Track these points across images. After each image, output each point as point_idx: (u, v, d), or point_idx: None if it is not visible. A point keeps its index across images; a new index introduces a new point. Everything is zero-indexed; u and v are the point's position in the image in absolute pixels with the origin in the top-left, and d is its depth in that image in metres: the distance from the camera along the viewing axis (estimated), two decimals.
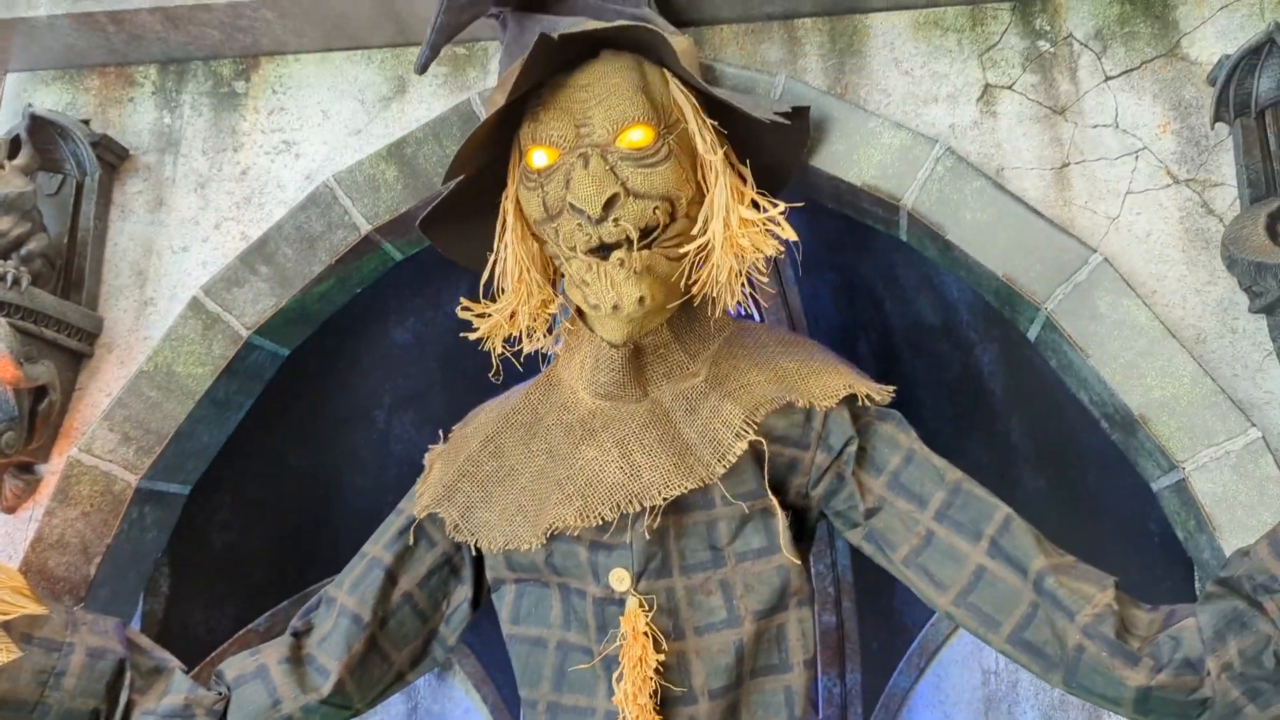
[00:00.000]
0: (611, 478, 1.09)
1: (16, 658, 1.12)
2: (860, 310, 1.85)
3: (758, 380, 1.14)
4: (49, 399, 1.38)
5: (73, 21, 1.46)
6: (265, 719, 1.18)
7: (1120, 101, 1.34)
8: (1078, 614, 1.03)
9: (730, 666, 1.10)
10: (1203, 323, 1.25)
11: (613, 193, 1.07)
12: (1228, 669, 0.97)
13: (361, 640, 1.19)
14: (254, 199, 1.47)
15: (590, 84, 1.12)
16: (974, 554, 1.09)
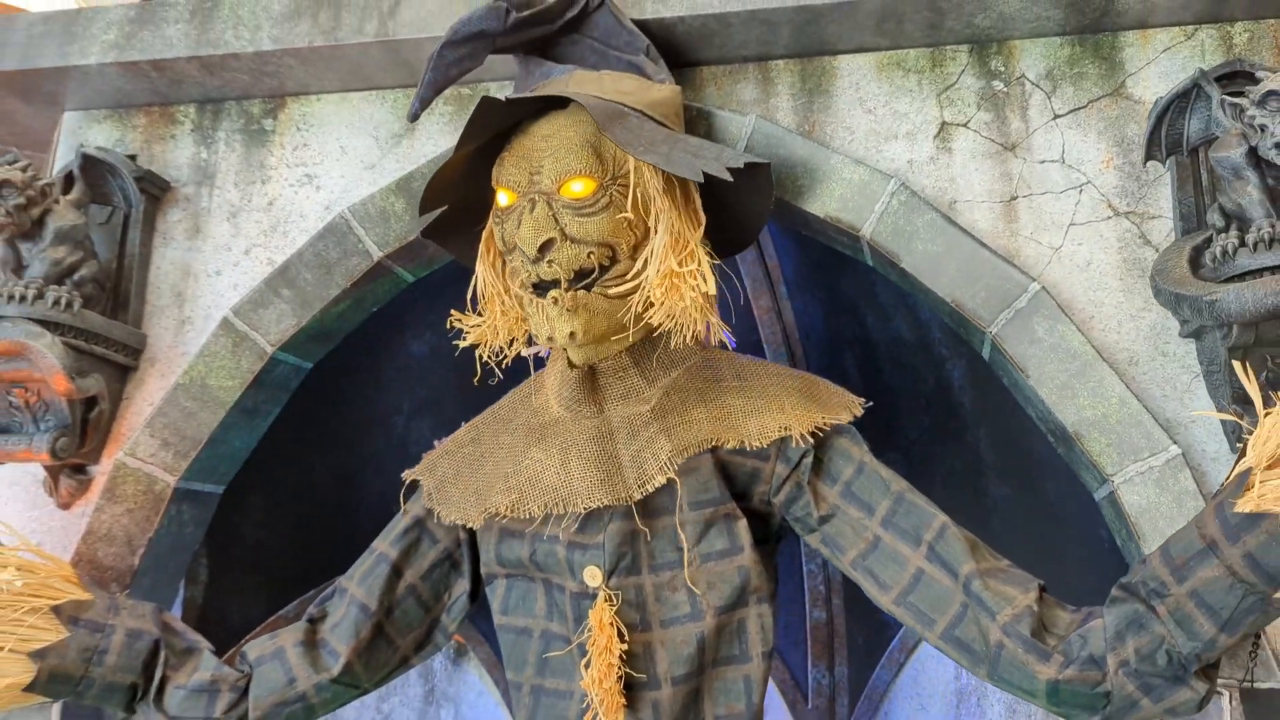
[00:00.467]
0: (548, 480, 1.22)
1: (65, 637, 1.27)
2: (845, 326, 1.96)
3: (699, 418, 1.25)
4: (99, 408, 1.55)
5: (120, 69, 1.63)
6: (282, 695, 1.33)
7: (1067, 138, 1.43)
8: (999, 614, 1.14)
9: (692, 656, 1.22)
10: (1136, 346, 1.35)
11: (548, 237, 1.19)
12: (1124, 665, 1.08)
13: (369, 627, 1.34)
14: (279, 227, 1.62)
15: (550, 135, 1.24)
16: (914, 558, 1.21)
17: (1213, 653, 1.05)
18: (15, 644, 1.23)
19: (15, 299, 1.45)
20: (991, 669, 1.16)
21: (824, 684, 2.08)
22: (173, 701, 1.31)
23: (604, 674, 1.20)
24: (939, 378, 1.72)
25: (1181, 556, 1.06)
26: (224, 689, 1.32)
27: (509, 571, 1.31)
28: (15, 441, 1.49)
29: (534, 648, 1.28)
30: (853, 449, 1.27)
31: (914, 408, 1.83)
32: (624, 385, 1.28)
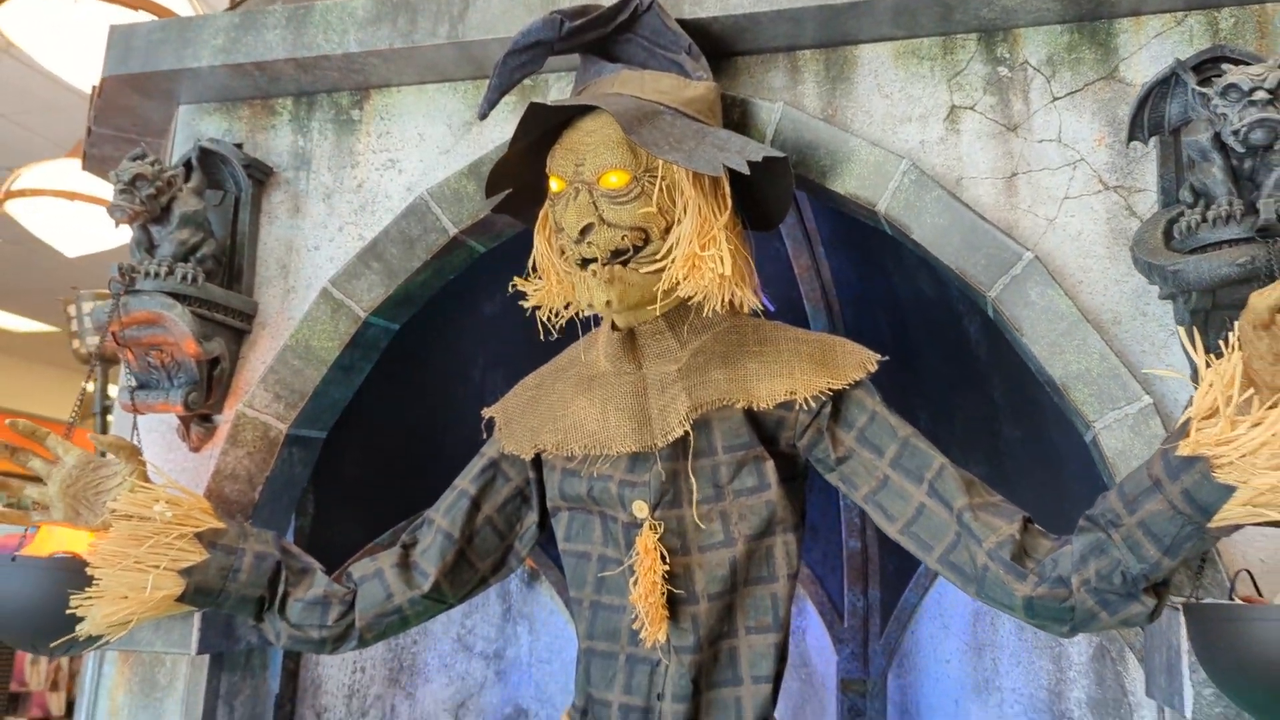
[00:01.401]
0: (589, 426, 1.44)
1: (206, 558, 1.51)
2: (875, 284, 2.13)
3: (718, 379, 1.44)
4: (221, 367, 1.81)
5: (226, 69, 1.86)
6: (381, 608, 1.56)
7: (1064, 119, 1.59)
8: (984, 541, 1.34)
9: (725, 577, 1.44)
10: (1119, 307, 1.52)
11: (588, 222, 1.39)
12: (1086, 584, 1.28)
13: (453, 553, 1.57)
14: (368, 207, 1.86)
15: (593, 131, 1.42)
16: (917, 494, 1.41)
17: (1158, 573, 1.23)
18: (168, 563, 1.48)
19: (150, 275, 1.71)
20: (979, 588, 1.36)
21: (859, 606, 2.29)
22: (293, 612, 1.54)
23: (649, 590, 1.42)
24: (957, 332, 1.88)
25: (1132, 492, 1.24)
26: (334, 602, 1.56)
27: (570, 505, 1.53)
28: (155, 396, 1.77)
29: (592, 569, 1.51)
30: (867, 400, 1.46)
31: (936, 360, 2.00)
32: (660, 346, 1.48)
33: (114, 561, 1.47)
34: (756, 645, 1.45)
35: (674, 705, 1.41)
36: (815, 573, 2.35)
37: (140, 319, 1.70)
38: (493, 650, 2.29)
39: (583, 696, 1.51)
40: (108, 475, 1.53)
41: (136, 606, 1.47)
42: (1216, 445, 1.15)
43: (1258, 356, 1.15)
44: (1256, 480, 1.12)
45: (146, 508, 1.49)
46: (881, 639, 2.28)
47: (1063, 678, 1.79)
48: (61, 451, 1.53)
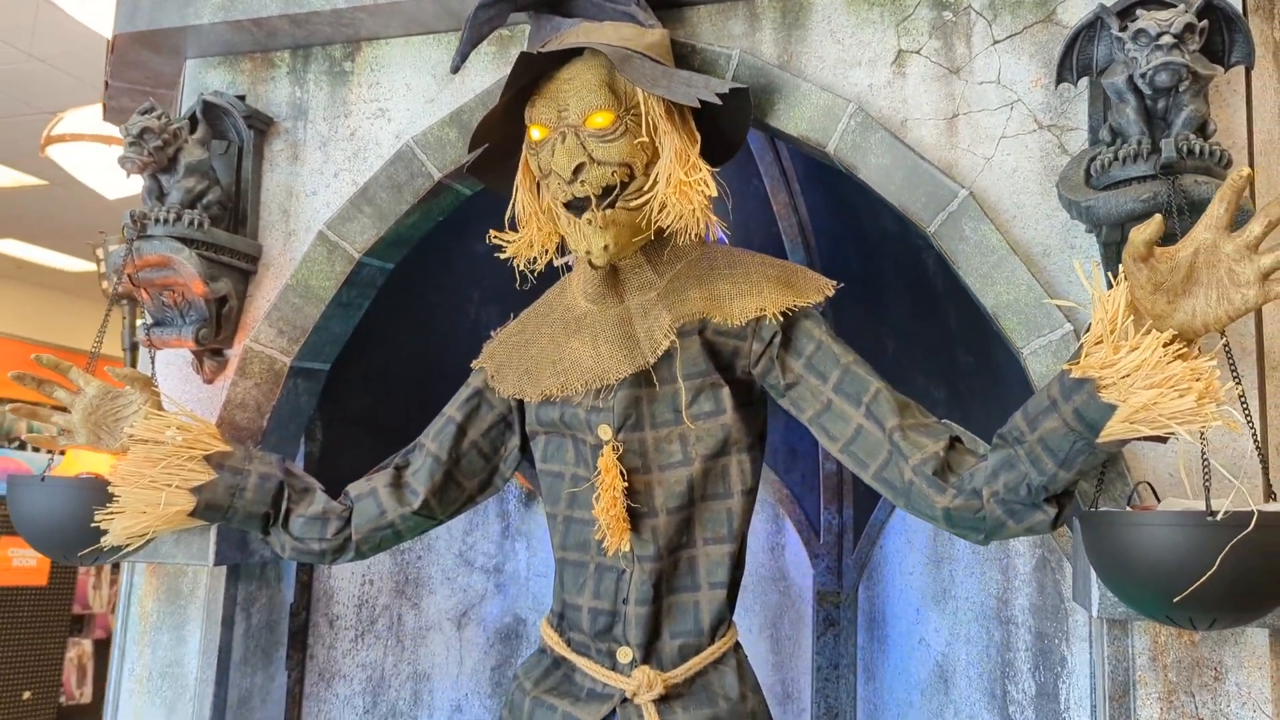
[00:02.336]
0: (585, 363, 1.58)
1: (214, 478, 1.66)
2: (845, 220, 2.22)
3: (694, 297, 1.59)
4: (229, 305, 1.96)
5: (227, 25, 1.99)
6: (375, 523, 1.72)
7: (1003, 61, 1.67)
8: (910, 458, 1.48)
9: (683, 493, 1.59)
10: (1049, 240, 1.62)
11: (580, 161, 1.51)
12: (995, 495, 1.40)
13: (441, 474, 1.72)
14: (360, 154, 1.99)
15: (572, 78, 1.55)
16: (855, 416, 1.54)
17: (1056, 485, 1.36)
18: (179, 482, 1.65)
19: (160, 221, 1.86)
20: (906, 500, 1.50)
21: (833, 524, 2.43)
22: (295, 526, 1.71)
23: (610, 504, 1.57)
24: (916, 265, 1.98)
25: (1034, 411, 1.36)
26: (332, 517, 1.73)
27: (546, 430, 1.68)
28: (169, 332, 1.93)
29: (565, 487, 1.66)
30: (814, 330, 1.59)
31: (899, 291, 2.10)
32: (640, 279, 1.62)
33: (132, 480, 1.65)
34: (713, 555, 1.61)
35: (637, 608, 1.57)
36: (794, 493, 2.49)
37: (152, 262, 1.86)
38: (492, 565, 2.47)
39: (559, 602, 1.67)
40: (125, 404, 1.70)
41: (152, 520, 1.66)
42: (1101, 368, 1.27)
43: (1139, 286, 1.26)
44: (1133, 399, 1.24)
45: (160, 433, 1.66)
46: (854, 554, 2.42)
47: (1009, 586, 1.92)
48: (83, 383, 1.71)
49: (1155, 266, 1.25)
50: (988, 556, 1.99)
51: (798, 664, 2.48)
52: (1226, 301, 1.24)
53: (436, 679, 2.43)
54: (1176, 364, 1.23)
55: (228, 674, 1.95)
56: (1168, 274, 1.25)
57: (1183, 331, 1.26)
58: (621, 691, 1.56)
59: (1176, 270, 1.25)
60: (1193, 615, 1.29)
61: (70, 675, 6.50)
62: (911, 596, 2.21)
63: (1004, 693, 1.92)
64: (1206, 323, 1.25)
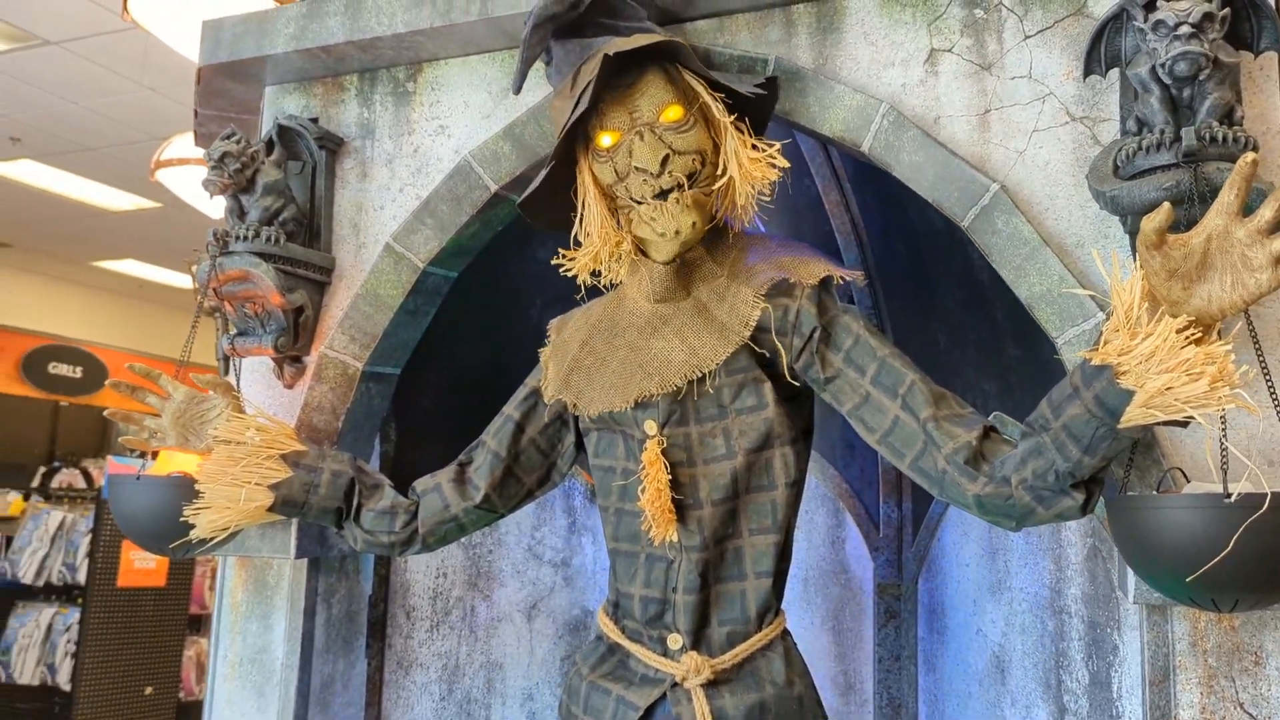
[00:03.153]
0: (678, 357, 1.63)
1: (290, 475, 1.78)
2: (895, 217, 2.24)
3: (762, 269, 1.67)
4: (305, 314, 2.10)
5: (299, 54, 2.12)
6: (440, 517, 1.82)
7: (1035, 56, 1.70)
8: (944, 447, 1.52)
9: (727, 485, 1.65)
10: (1083, 231, 1.63)
11: (665, 153, 1.59)
12: (1023, 483, 1.43)
13: (501, 469, 1.81)
14: (423, 170, 2.10)
15: (634, 83, 1.62)
16: (892, 408, 1.58)
17: (1082, 470, 1.38)
18: (258, 479, 1.78)
19: (241, 238, 2.00)
20: (940, 489, 1.54)
21: (893, 517, 2.45)
22: (366, 520, 1.82)
23: (654, 496, 1.63)
24: (964, 259, 2.00)
25: (1058, 399, 1.39)
26: (400, 511, 1.83)
27: (598, 426, 1.76)
28: (251, 341, 2.07)
29: (616, 480, 1.74)
30: (853, 324, 1.65)
31: (949, 285, 2.12)
32: (703, 270, 1.69)
33: (216, 478, 1.79)
34: (758, 545, 1.66)
35: (686, 596, 1.64)
36: (853, 488, 2.52)
37: (234, 276, 2.00)
38: (560, 559, 2.56)
39: (613, 591, 1.75)
40: (210, 408, 1.85)
41: (234, 515, 1.79)
42: (1119, 355, 1.30)
43: (1153, 273, 1.28)
44: (1149, 384, 1.26)
45: (240, 434, 1.80)
46: (913, 547, 2.44)
47: (1062, 576, 1.93)
48: (172, 389, 1.85)
49: (1168, 253, 1.27)
50: (1041, 547, 2.00)
51: (860, 655, 2.51)
52: (1241, 286, 1.25)
53: (509, 668, 2.53)
54: (1190, 349, 1.25)
55: (311, 661, 2.09)
56: (1181, 260, 1.27)
57: (1199, 317, 1.28)
58: (671, 676, 1.63)
59: (1190, 256, 1.27)
60: (1214, 596, 1.31)
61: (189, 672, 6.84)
62: (968, 588, 2.22)
63: (1058, 682, 1.93)
64: (1222, 308, 1.27)
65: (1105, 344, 1.32)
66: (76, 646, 6.08)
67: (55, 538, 6.42)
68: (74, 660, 6.08)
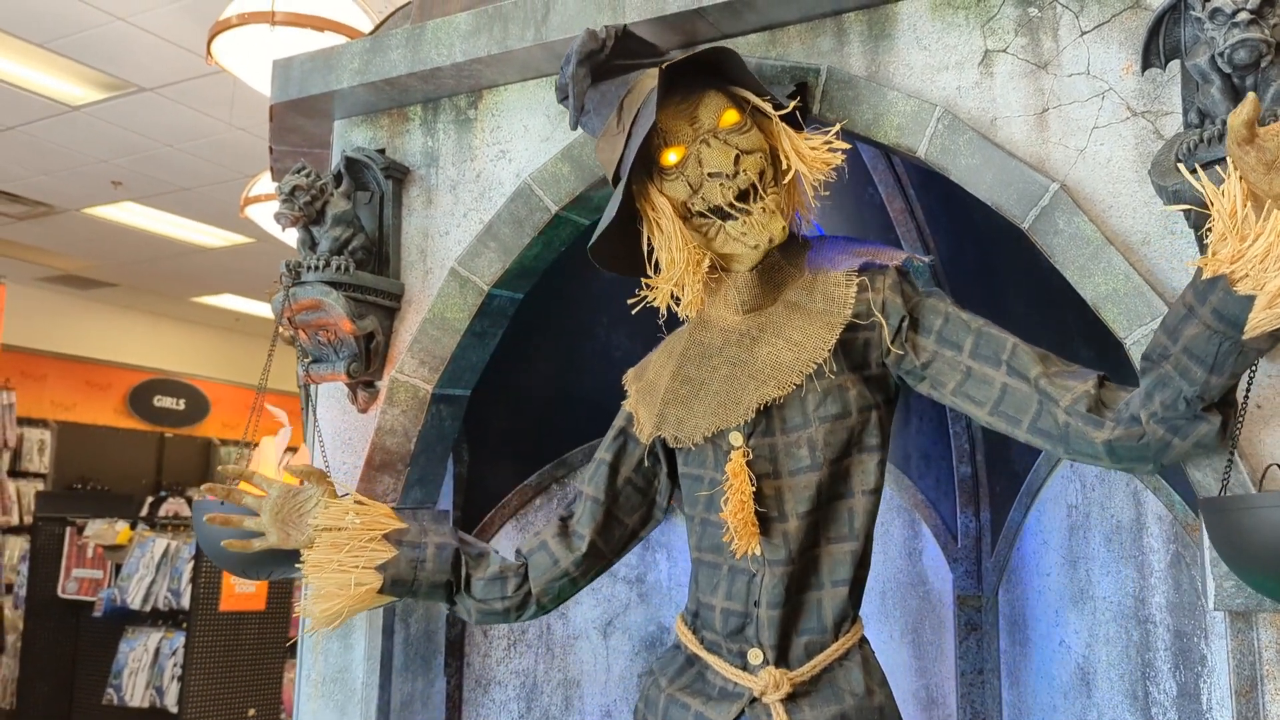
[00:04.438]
0: (787, 356, 1.62)
1: (396, 554, 1.75)
2: (962, 220, 2.21)
3: (841, 259, 1.67)
4: (376, 340, 2.15)
5: (364, 88, 2.19)
6: (550, 573, 1.78)
7: (1092, 52, 1.66)
8: (1061, 401, 1.49)
9: (812, 497, 1.63)
10: (1149, 228, 1.59)
11: (735, 153, 1.60)
12: (1154, 416, 1.40)
13: (602, 513, 1.78)
14: (485, 194, 2.14)
15: (686, 97, 1.64)
16: (998, 376, 1.56)
17: (1211, 392, 1.34)
18: (364, 562, 1.75)
19: (312, 268, 2.06)
20: (1066, 446, 1.50)
21: (971, 527, 2.39)
22: (477, 589, 1.79)
23: (737, 509, 1.61)
24: (1032, 259, 1.97)
25: (1173, 323, 1.36)
26: (510, 575, 1.80)
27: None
28: (324, 368, 2.13)
29: (702, 490, 1.71)
30: (939, 304, 1.64)
31: (1017, 287, 2.08)
32: (782, 274, 1.69)
33: (323, 567, 1.77)
34: (835, 553, 1.65)
35: (769, 611, 1.62)
36: (929, 498, 2.48)
37: (306, 305, 2.06)
38: (635, 575, 2.57)
39: (694, 601, 1.74)
40: (305, 499, 1.83)
41: (346, 600, 1.77)
42: (1232, 262, 1.27)
43: (1250, 170, 1.25)
44: (1270, 285, 1.23)
45: (340, 519, 1.79)
46: (992, 557, 2.38)
47: (1145, 584, 1.87)
48: (266, 486, 1.83)
49: (1262, 145, 1.23)
50: (1123, 555, 1.95)
51: (941, 669, 2.46)
52: None
53: (586, 685, 2.55)
54: None
55: (390, 679, 2.13)
56: (1276, 150, 1.23)
57: None
58: (750, 691, 1.62)
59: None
60: None
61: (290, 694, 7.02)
62: (1050, 598, 2.16)
63: (1145, 694, 1.87)
64: None
65: (1214, 255, 1.28)
66: (182, 670, 6.28)
67: (160, 564, 6.65)
68: (180, 683, 6.28)
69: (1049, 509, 2.14)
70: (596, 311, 2.57)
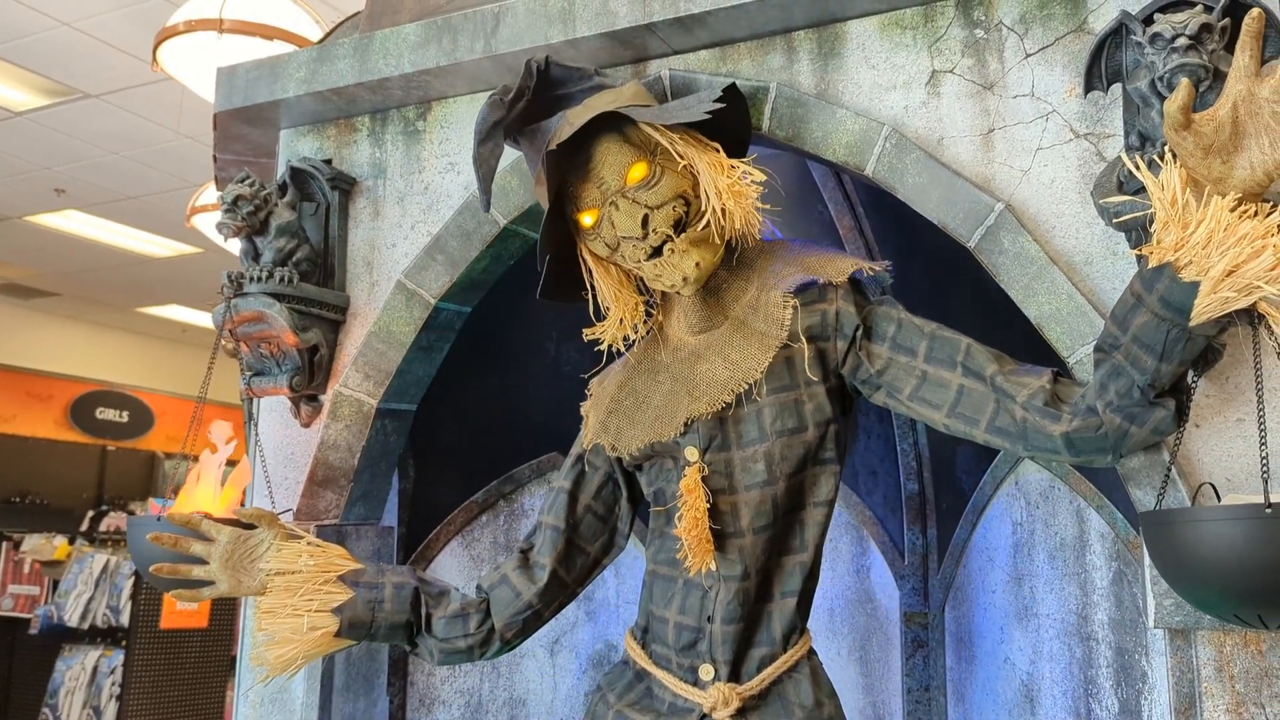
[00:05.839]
0: (722, 376, 1.62)
1: (352, 595, 1.68)
2: (908, 239, 2.23)
3: (788, 272, 1.65)
4: (320, 353, 2.11)
5: (310, 97, 2.16)
6: (513, 607, 1.73)
7: (1036, 74, 1.68)
8: (1017, 397, 1.48)
9: (768, 512, 1.61)
10: (1091, 249, 1.61)
11: (643, 214, 1.57)
12: (1110, 406, 1.40)
13: (562, 542, 1.74)
14: (433, 207, 2.12)
15: (591, 155, 1.60)
16: (953, 378, 1.55)
17: (1163, 380, 1.36)
18: (319, 605, 1.68)
19: (254, 279, 2.03)
20: (1025, 443, 1.50)
21: (918, 544, 2.40)
22: (438, 628, 1.73)
23: (691, 525, 1.59)
24: (976, 279, 1.98)
25: (1121, 313, 1.37)
26: (472, 612, 1.74)
27: (646, 457, 1.70)
28: (267, 381, 2.09)
29: (664, 504, 1.69)
30: (891, 311, 1.63)
31: (964, 306, 2.10)
32: (733, 290, 1.68)
33: (276, 613, 1.70)
34: (786, 565, 1.64)
35: (724, 627, 1.61)
36: (876, 514, 2.49)
37: (248, 317, 2.02)
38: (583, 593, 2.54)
39: (644, 615, 1.72)
40: (256, 543, 1.74)
41: (302, 646, 1.70)
42: (1175, 249, 1.28)
43: (1189, 155, 1.26)
44: (1214, 270, 1.24)
45: (293, 562, 1.72)
46: (939, 574, 2.40)
47: (1088, 601, 1.89)
48: (214, 533, 1.74)
49: (1198, 130, 1.24)
50: (1066, 572, 1.96)
51: (888, 686, 2.46)
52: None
53: (532, 704, 2.51)
54: (1247, 223, 1.22)
55: (330, 699, 2.08)
56: (1213, 134, 1.24)
57: (1247, 189, 1.25)
58: (700, 707, 1.60)
59: (1221, 129, 1.24)
60: (1262, 613, 1.27)
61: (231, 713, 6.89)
62: (995, 615, 2.18)
63: (1088, 711, 1.88)
64: (1268, 171, 1.23)
65: (1158, 243, 1.29)
66: (121, 689, 6.13)
67: (99, 581, 6.50)
68: (119, 702, 6.13)
69: (994, 526, 2.15)
70: (546, 326, 2.56)
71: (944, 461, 2.39)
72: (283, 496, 2.10)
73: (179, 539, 1.73)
